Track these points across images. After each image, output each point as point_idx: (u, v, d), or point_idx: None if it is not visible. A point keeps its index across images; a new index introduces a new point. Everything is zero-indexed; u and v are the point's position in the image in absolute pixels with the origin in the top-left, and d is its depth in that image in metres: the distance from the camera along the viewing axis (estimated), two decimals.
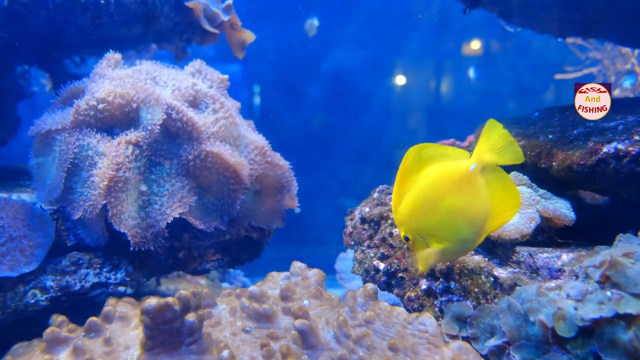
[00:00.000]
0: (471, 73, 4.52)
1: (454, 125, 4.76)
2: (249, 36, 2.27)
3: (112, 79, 1.55)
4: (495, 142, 1.00)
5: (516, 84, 5.01)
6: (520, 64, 4.96)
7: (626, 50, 3.49)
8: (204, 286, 2.61)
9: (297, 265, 1.39)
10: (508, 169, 1.52)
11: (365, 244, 1.55)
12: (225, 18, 2.14)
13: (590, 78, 3.65)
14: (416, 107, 5.12)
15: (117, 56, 1.68)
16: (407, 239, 1.09)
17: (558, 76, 3.79)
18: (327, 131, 5.16)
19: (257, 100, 5.05)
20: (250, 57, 2.45)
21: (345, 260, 2.73)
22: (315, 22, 4.37)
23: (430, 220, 1.06)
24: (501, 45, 4.93)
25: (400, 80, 5.16)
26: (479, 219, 1.05)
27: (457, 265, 1.27)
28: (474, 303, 1.20)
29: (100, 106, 1.45)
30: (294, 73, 4.95)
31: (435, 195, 1.05)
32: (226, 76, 1.79)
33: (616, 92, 3.50)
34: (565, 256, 1.20)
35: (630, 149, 1.19)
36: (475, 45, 4.98)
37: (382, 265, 1.41)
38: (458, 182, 1.04)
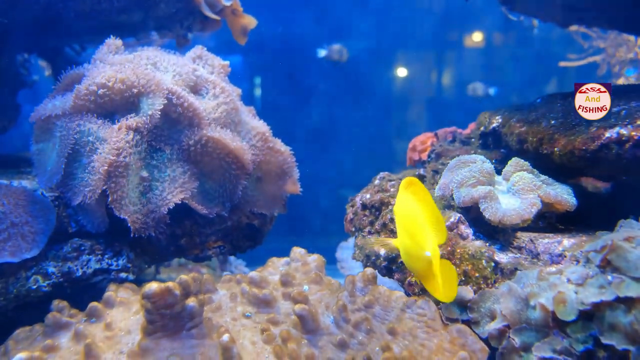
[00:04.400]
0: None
1: (455, 116, 4.74)
2: (250, 22, 2.25)
3: (113, 64, 1.55)
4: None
5: (518, 74, 4.99)
6: (522, 55, 4.94)
7: (630, 38, 3.47)
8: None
9: (297, 251, 1.39)
10: (509, 155, 1.51)
11: (366, 229, 1.55)
12: (226, 3, 2.12)
13: (593, 66, 3.63)
14: (417, 98, 5.10)
15: (118, 42, 1.67)
16: None
17: (562, 63, 3.77)
18: (328, 121, 5.15)
19: (257, 90, 5.04)
20: (250, 47, 2.43)
21: (346, 249, 2.74)
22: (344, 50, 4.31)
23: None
24: (503, 36, 4.90)
25: (401, 71, 5.14)
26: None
27: (458, 250, 1.27)
28: (474, 287, 1.20)
29: (101, 91, 1.45)
30: (295, 63, 4.92)
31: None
32: (227, 62, 1.78)
33: (620, 81, 3.47)
34: (566, 241, 1.20)
35: (633, 133, 1.18)
36: (477, 36, 4.95)
37: (382, 251, 1.41)
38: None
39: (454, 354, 1.04)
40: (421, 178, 1.88)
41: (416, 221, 1.11)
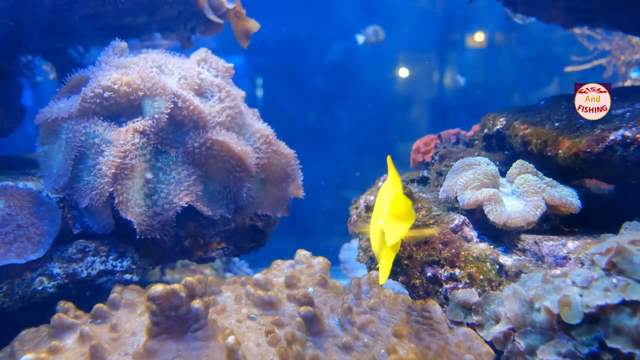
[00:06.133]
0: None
1: (457, 116, 4.74)
2: (253, 25, 2.25)
3: (118, 67, 1.55)
4: (397, 212, 1.08)
5: (519, 75, 4.99)
6: (524, 56, 4.93)
7: (636, 40, 3.44)
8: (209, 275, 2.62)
9: (302, 254, 1.39)
10: (513, 157, 1.51)
11: None
12: (229, 6, 2.13)
13: (599, 70, 3.61)
14: (419, 99, 5.10)
15: (123, 44, 1.68)
16: None
17: (568, 68, 3.74)
18: (330, 122, 5.15)
19: (259, 92, 5.04)
20: (253, 48, 2.44)
21: (349, 251, 2.73)
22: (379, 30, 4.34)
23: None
24: (505, 37, 4.89)
25: (403, 72, 5.14)
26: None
27: (463, 253, 1.27)
28: (479, 290, 1.20)
29: (107, 94, 1.45)
30: (297, 64, 4.93)
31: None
32: (231, 65, 1.78)
33: (627, 84, 3.45)
34: (571, 244, 1.20)
35: (638, 136, 1.18)
36: (479, 37, 4.95)
37: None
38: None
39: (460, 357, 1.04)
40: (425, 180, 1.88)
41: (379, 205, 1.20)
